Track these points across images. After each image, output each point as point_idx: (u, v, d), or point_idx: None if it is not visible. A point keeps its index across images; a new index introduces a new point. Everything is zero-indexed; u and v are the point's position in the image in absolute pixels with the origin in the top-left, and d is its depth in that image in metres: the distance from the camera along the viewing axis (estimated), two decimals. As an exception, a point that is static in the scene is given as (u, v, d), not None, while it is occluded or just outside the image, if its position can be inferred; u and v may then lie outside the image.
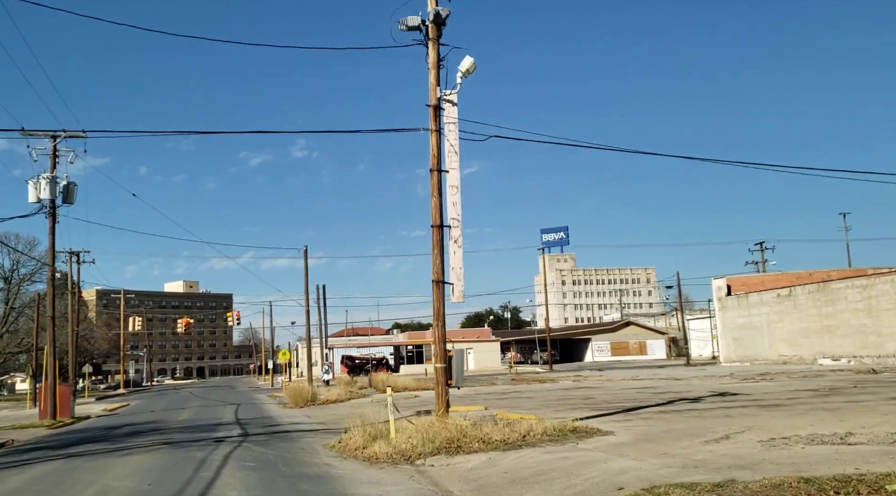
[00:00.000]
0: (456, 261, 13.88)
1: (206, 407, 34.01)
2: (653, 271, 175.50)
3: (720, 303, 53.24)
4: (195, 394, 53.11)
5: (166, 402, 41.89)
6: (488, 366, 71.17)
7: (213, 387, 74.81)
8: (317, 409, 27.93)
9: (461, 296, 13.95)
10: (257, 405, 34.02)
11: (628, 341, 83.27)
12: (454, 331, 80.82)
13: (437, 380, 13.96)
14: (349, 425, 14.92)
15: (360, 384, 43.05)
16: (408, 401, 28.07)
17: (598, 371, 53.34)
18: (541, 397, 26.45)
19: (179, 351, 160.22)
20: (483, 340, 73.02)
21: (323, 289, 51.77)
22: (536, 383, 36.76)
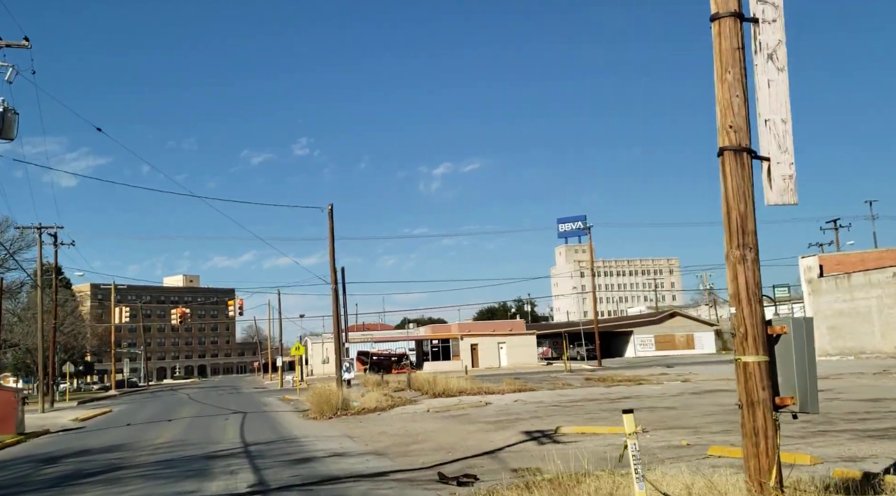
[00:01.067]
0: (775, 99, 5.67)
1: (200, 418, 25.96)
2: (676, 262, 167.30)
3: (810, 287, 45.06)
4: (192, 398, 45.12)
5: (154, 410, 33.90)
6: (523, 362, 63.15)
7: (213, 388, 66.85)
8: (354, 423, 19.88)
9: (789, 190, 5.72)
10: (269, 415, 25.94)
11: (674, 334, 75.15)
12: (480, 324, 72.77)
13: (745, 396, 5.62)
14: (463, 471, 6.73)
15: (395, 384, 35.07)
16: (487, 414, 19.89)
17: (666, 367, 45.27)
18: (697, 408, 18.22)
19: (179, 348, 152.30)
20: (516, 333, 64.96)
21: (342, 273, 43.73)
22: (624, 385, 28.58)
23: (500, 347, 64.25)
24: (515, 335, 64.80)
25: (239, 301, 44.76)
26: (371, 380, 40.07)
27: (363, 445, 14.71)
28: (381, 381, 37.12)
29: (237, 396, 43.14)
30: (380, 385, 36.53)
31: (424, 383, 29.23)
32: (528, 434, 14.35)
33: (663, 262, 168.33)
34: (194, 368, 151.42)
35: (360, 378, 46.26)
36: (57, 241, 47.94)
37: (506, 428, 15.74)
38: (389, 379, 39.79)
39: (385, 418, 20.61)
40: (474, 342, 63.61)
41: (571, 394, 24.62)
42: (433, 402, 23.93)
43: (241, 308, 44.55)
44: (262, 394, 43.79)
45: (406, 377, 39.19)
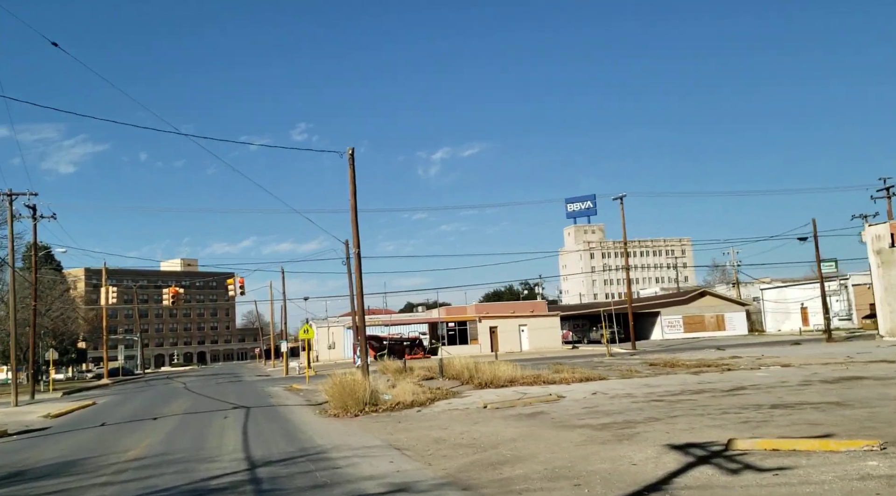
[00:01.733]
0: None
1: (194, 415, 21.10)
2: (688, 242, 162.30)
3: (880, 258, 40.17)
4: (189, 388, 40.36)
5: (141, 403, 29.08)
6: (546, 346, 58.43)
7: (212, 375, 62.11)
8: (391, 424, 15.03)
9: None
10: (278, 411, 21.06)
11: (703, 315, 70.36)
12: (499, 305, 67.90)
13: None
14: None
15: (420, 372, 30.27)
16: (575, 413, 14.94)
17: (717, 349, 40.48)
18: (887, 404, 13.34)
19: (178, 335, 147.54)
20: (538, 315, 60.13)
21: (354, 246, 38.85)
22: (711, 371, 23.57)
23: (521, 330, 59.50)
24: (537, 317, 60.01)
25: (239, 280, 39.85)
26: (391, 367, 35.28)
27: (425, 465, 9.85)
28: (403, 368, 32.31)
29: (238, 386, 38.38)
30: (402, 372, 31.74)
31: (462, 370, 24.36)
32: (681, 450, 9.47)
33: (675, 242, 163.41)
34: (193, 355, 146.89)
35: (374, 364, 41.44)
36: (36, 213, 42.94)
37: (629, 438, 10.86)
38: (411, 365, 34.98)
39: (430, 417, 15.77)
40: (493, 325, 58.85)
41: (655, 383, 19.74)
42: (485, 394, 19.09)
43: (241, 287, 39.66)
44: (265, 383, 39.06)
45: (434, 363, 34.35)
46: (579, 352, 50.20)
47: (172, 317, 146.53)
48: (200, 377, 60.10)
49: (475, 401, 17.75)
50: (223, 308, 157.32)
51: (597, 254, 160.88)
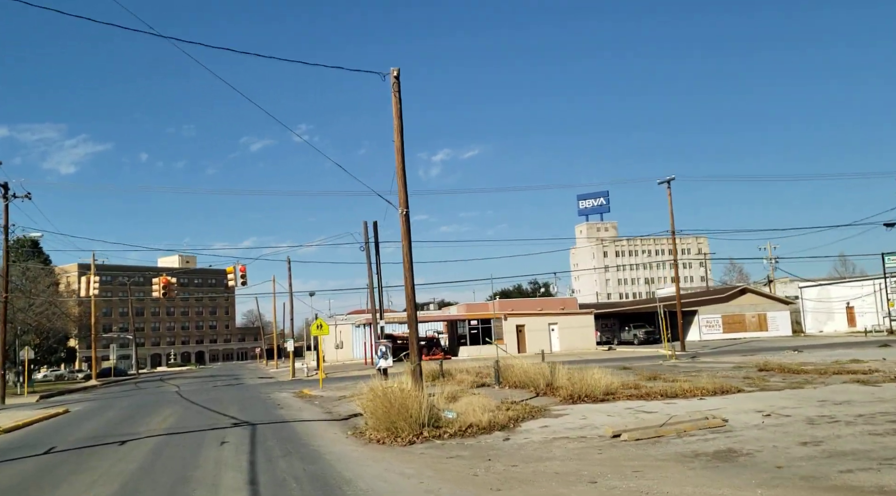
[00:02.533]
0: None
1: (179, 437, 15.45)
2: (704, 241, 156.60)
3: None
4: (181, 393, 34.83)
5: (117, 414, 23.44)
6: (579, 347, 52.84)
7: (210, 377, 56.51)
8: (478, 465, 9.40)
9: None
10: (295, 432, 15.39)
11: (745, 314, 64.71)
12: (526, 302, 62.25)
13: None
14: None
15: (463, 377, 24.74)
16: (795, 457, 8.92)
17: (794, 351, 34.83)
18: None
19: (175, 334, 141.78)
20: (569, 313, 54.47)
21: (374, 228, 33.38)
22: (834, 382, 17.93)
23: (550, 329, 53.87)
24: (568, 315, 54.37)
25: (240, 268, 34.28)
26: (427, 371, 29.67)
27: None
28: (439, 372, 26.76)
29: (239, 391, 32.77)
30: (439, 378, 26.20)
31: (535, 377, 18.72)
32: None
33: (691, 242, 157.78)
34: (191, 355, 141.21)
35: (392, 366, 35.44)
36: (7, 192, 37.33)
37: None
38: (449, 368, 29.36)
39: (535, 452, 10.16)
40: (520, 323, 53.22)
41: (827, 398, 14.08)
42: (590, 414, 13.46)
43: (243, 276, 34.10)
44: (270, 388, 33.46)
45: (461, 365, 28.82)
46: (623, 354, 44.55)
47: (170, 315, 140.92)
48: (196, 379, 54.54)
49: (588, 425, 12.16)
50: (222, 306, 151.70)
51: (610, 251, 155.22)
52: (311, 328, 29.83)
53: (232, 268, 34.26)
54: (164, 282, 34.71)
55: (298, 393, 29.64)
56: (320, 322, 30.09)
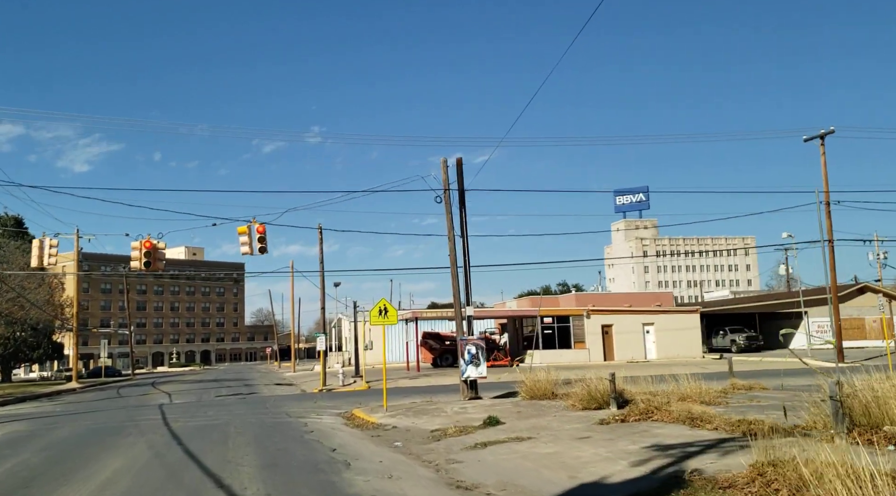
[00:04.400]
0: None
1: None
2: (751, 241, 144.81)
3: None
4: (168, 411, 23.97)
5: (58, 447, 12.30)
6: (681, 354, 41.64)
7: (214, 382, 45.58)
8: None
9: None
10: None
11: (864, 317, 53.20)
12: (611, 296, 51.02)
13: None
14: None
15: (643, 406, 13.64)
16: None
17: None
18: None
19: (180, 331, 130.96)
20: (668, 310, 43.23)
21: (458, 168, 22.48)
22: None
23: (645, 331, 42.62)
24: (668, 313, 43.09)
25: (258, 227, 23.24)
26: (538, 385, 18.70)
27: None
28: (550, 386, 15.70)
29: (254, 409, 21.68)
30: (555, 398, 15.23)
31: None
32: None
33: (738, 241, 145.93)
34: (196, 354, 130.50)
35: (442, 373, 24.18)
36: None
37: None
38: (551, 381, 18.28)
39: None
40: (607, 322, 42.00)
41: None
42: None
43: (262, 240, 23.08)
44: (300, 404, 22.42)
45: (552, 377, 17.63)
46: (749, 365, 33.10)
47: (174, 311, 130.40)
48: (198, 384, 43.63)
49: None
50: (231, 302, 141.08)
51: (650, 251, 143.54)
52: (370, 314, 18.75)
53: (245, 229, 23.26)
54: (148, 247, 23.70)
55: (349, 416, 18.63)
56: (384, 304, 19.05)
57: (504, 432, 13.49)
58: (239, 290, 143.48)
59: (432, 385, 29.69)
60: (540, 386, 18.28)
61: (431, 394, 24.30)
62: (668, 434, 11.28)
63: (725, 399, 16.25)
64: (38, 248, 27.76)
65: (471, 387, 21.80)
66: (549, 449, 10.99)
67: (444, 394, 24.62)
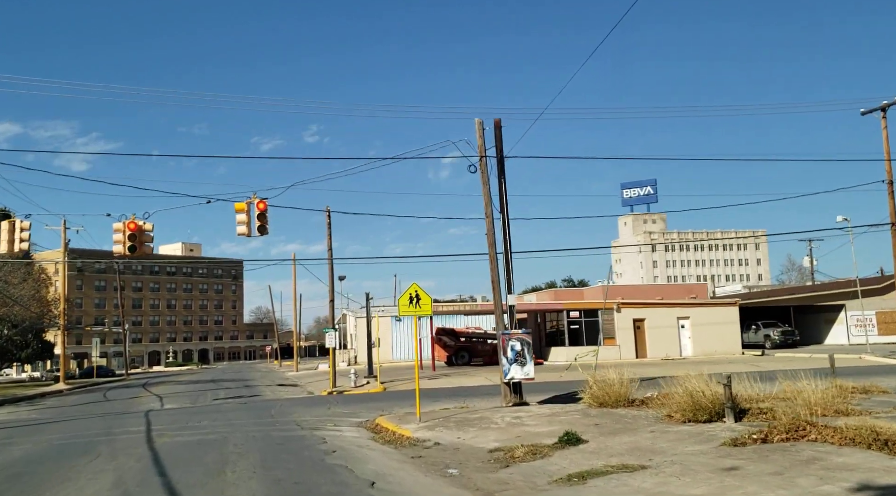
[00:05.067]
0: None
1: None
2: (763, 234, 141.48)
3: None
4: (155, 420, 20.54)
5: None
6: (719, 350, 38.28)
7: (211, 382, 42.10)
8: None
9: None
10: None
11: (905, 310, 49.80)
12: (641, 288, 47.63)
13: None
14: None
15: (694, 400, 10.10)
16: None
17: None
18: None
19: (177, 329, 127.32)
20: (704, 304, 39.82)
21: (496, 130, 19.00)
22: None
23: (680, 325, 39.24)
24: (704, 306, 39.70)
25: (259, 203, 19.75)
26: (608, 388, 15.32)
27: None
28: (626, 396, 12.20)
29: (258, 419, 18.19)
30: (630, 405, 11.74)
31: None
32: None
33: (747, 235, 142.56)
34: (194, 353, 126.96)
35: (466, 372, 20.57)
36: None
37: None
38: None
39: None
40: (639, 316, 38.60)
41: None
42: None
43: (262, 217, 19.60)
44: (311, 410, 18.92)
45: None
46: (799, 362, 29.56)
47: (171, 308, 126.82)
48: (194, 385, 40.15)
49: None
50: (229, 300, 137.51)
51: (658, 246, 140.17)
52: (398, 302, 15.35)
53: (244, 206, 19.78)
54: (133, 229, 20.24)
55: (375, 427, 15.24)
56: (415, 290, 15.70)
57: (596, 456, 10.06)
58: (237, 287, 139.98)
59: (456, 386, 26.27)
60: (611, 389, 14.84)
61: (463, 398, 20.88)
62: (863, 465, 7.84)
63: (855, 406, 12.84)
64: (9, 232, 24.24)
65: (514, 391, 18.36)
66: (693, 490, 7.53)
67: (476, 397, 21.20)
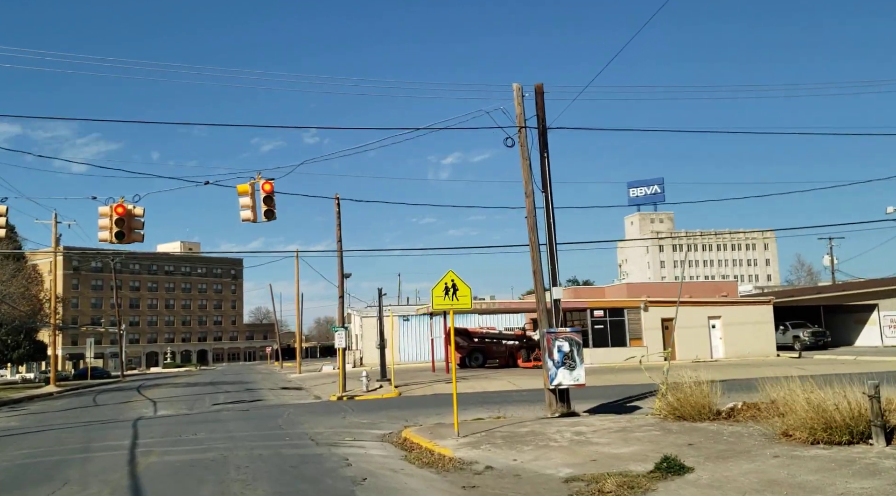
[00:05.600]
0: None
1: None
2: (772, 235, 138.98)
3: None
4: (151, 427, 18.02)
5: None
6: (752, 352, 35.82)
7: (210, 385, 39.54)
8: None
9: None
10: None
11: (942, 310, 47.29)
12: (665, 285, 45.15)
13: None
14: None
15: None
16: None
17: None
18: None
19: (175, 329, 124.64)
20: (736, 302, 37.34)
21: (537, 96, 16.43)
22: None
23: (710, 325, 36.77)
24: (735, 305, 37.21)
25: (265, 184, 17.31)
26: (686, 396, 12.74)
27: None
28: (722, 409, 9.66)
29: (258, 424, 15.67)
30: (724, 420, 9.19)
31: None
32: None
33: (756, 236, 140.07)
34: (192, 354, 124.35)
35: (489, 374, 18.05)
36: None
37: None
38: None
39: None
40: (667, 315, 36.11)
41: None
42: None
43: (268, 199, 17.17)
44: (314, 415, 16.40)
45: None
46: (846, 366, 27.08)
47: (169, 308, 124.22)
48: (190, 387, 37.62)
49: None
50: (229, 299, 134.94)
51: (666, 246, 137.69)
52: (432, 293, 12.86)
53: (247, 187, 17.31)
54: (121, 213, 17.75)
55: (404, 443, 12.76)
56: (451, 279, 13.23)
57: (719, 493, 7.56)
58: (237, 287, 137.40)
59: (480, 392, 23.74)
60: (688, 397, 12.34)
61: (495, 406, 18.38)
62: None
63: None
64: None
65: (561, 399, 15.87)
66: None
67: (510, 405, 18.71)
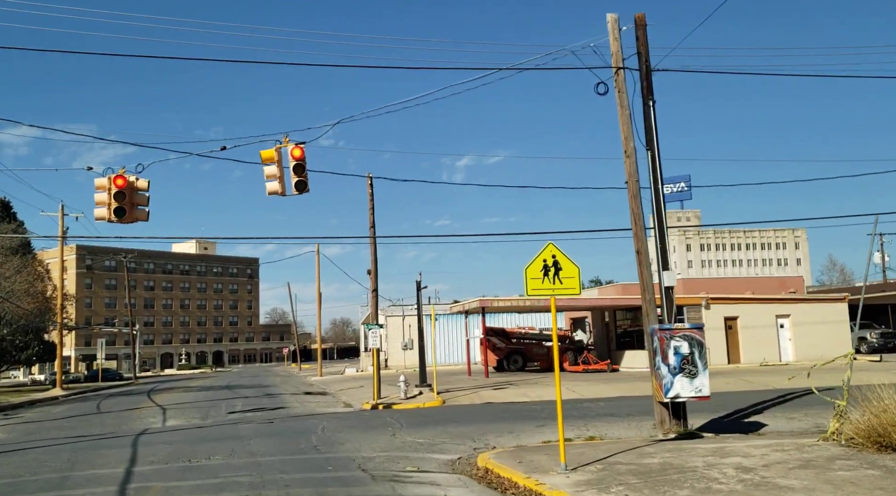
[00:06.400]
0: None
1: None
2: (802, 234, 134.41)
3: None
4: (154, 444, 14.75)
5: None
6: (827, 356, 32.02)
7: (227, 389, 36.41)
8: None
9: None
10: None
11: None
12: (726, 281, 41.54)
13: None
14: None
15: None
16: None
17: None
18: None
19: (190, 330, 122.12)
20: (807, 300, 33.67)
21: (639, 28, 12.94)
22: None
23: (779, 324, 33.11)
24: (807, 302, 33.52)
25: (294, 149, 14.13)
26: (885, 415, 9.05)
27: None
28: None
29: (287, 442, 12.35)
30: None
31: None
32: None
33: (787, 234, 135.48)
34: (208, 355, 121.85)
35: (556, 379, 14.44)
36: None
37: None
38: None
39: None
40: (731, 314, 32.54)
41: None
42: None
43: (300, 166, 14.00)
44: (354, 430, 13.03)
45: None
46: None
47: (184, 309, 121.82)
48: (205, 391, 34.53)
49: None
50: (245, 300, 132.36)
51: (694, 245, 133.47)
52: (525, 273, 9.55)
53: (272, 153, 14.13)
54: (121, 185, 14.60)
55: (486, 476, 9.36)
56: (553, 254, 9.77)
57: None
58: (253, 287, 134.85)
59: (538, 401, 20.33)
60: (889, 417, 8.90)
61: (576, 421, 14.96)
62: None
63: None
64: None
65: (675, 414, 12.49)
66: None
67: (594, 420, 15.34)
